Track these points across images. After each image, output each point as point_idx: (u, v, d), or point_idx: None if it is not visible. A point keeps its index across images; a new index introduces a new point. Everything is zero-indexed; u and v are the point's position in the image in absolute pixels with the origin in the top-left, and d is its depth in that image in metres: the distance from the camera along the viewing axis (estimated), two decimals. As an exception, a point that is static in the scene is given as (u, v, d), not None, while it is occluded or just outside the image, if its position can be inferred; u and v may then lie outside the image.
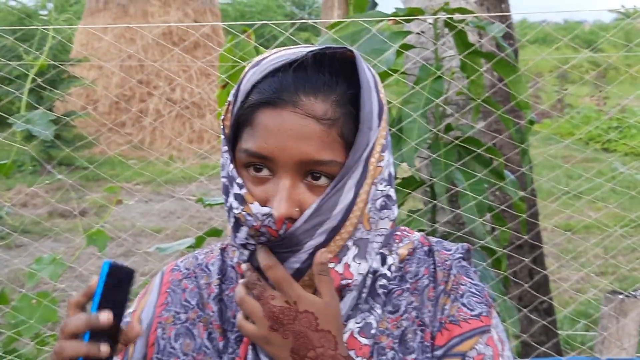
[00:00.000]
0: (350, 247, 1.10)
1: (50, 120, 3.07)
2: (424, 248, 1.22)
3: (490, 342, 1.13)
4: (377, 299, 1.14)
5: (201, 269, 1.27)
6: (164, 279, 1.28)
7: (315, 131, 1.06)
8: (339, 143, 1.07)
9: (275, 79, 1.09)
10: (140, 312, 1.25)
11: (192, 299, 1.23)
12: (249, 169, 1.09)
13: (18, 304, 2.88)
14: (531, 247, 3.68)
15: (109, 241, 3.25)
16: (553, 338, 3.76)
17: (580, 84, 11.37)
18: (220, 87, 3.96)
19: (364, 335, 1.12)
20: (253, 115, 1.09)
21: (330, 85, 1.09)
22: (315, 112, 1.07)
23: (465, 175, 2.77)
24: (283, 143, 1.06)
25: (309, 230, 1.06)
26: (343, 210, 1.07)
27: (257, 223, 1.05)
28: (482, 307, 1.15)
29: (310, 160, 1.06)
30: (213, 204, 3.56)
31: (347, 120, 1.09)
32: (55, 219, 7.87)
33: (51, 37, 3.30)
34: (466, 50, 2.78)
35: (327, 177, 1.07)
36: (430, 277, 1.18)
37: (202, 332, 1.20)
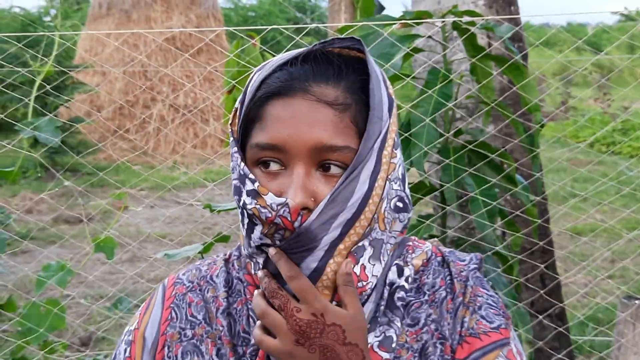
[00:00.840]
0: (367, 247, 1.07)
1: (57, 128, 3.05)
2: (437, 258, 1.20)
3: (510, 355, 1.12)
4: (396, 312, 1.12)
5: (206, 281, 1.23)
6: (166, 294, 1.24)
7: (328, 116, 1.04)
8: (351, 129, 1.06)
9: (284, 71, 1.08)
10: (144, 330, 1.21)
11: (198, 314, 1.20)
12: (260, 166, 1.07)
13: (27, 312, 2.86)
14: (542, 252, 3.66)
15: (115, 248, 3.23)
16: (565, 344, 3.73)
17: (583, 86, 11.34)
18: (226, 93, 3.96)
19: (384, 349, 1.10)
20: (262, 109, 1.07)
21: (339, 73, 1.08)
22: (327, 97, 1.05)
23: (476, 180, 2.75)
24: (296, 130, 1.03)
25: (325, 224, 1.02)
26: (358, 201, 1.04)
27: (272, 214, 1.02)
28: (501, 320, 1.14)
29: (324, 145, 1.03)
30: (221, 210, 3.54)
31: (358, 107, 1.07)
32: (60, 225, 7.86)
33: (58, 43, 3.29)
34: (476, 54, 2.76)
35: (339, 167, 1.05)
36: (447, 288, 1.16)
37: (211, 348, 1.16)
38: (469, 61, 2.86)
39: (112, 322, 5.25)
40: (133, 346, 1.21)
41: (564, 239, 7.34)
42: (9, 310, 3.05)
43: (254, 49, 3.93)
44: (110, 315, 4.99)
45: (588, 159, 10.11)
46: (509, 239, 3.00)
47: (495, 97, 2.91)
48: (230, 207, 3.55)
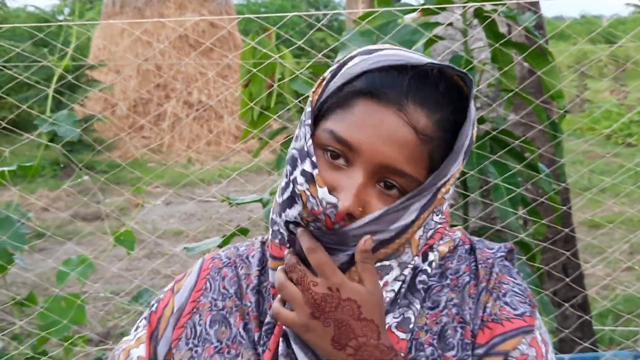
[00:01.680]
0: (394, 267, 1.10)
1: (76, 122, 3.06)
2: (465, 246, 1.20)
3: (534, 342, 1.10)
4: (417, 294, 1.12)
5: (242, 260, 1.26)
6: (204, 265, 1.27)
7: (410, 142, 1.04)
8: (425, 162, 1.06)
9: (389, 75, 1.06)
10: (176, 293, 1.25)
11: (230, 288, 1.22)
12: (325, 151, 1.07)
13: (48, 306, 2.87)
14: (564, 241, 3.64)
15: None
16: (588, 333, 3.71)
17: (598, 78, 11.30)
18: (242, 87, 3.95)
19: (401, 329, 1.09)
20: (352, 100, 1.06)
21: (440, 104, 1.07)
22: (417, 124, 1.04)
23: (499, 168, 2.72)
24: (374, 140, 1.03)
25: (361, 235, 1.03)
26: (400, 228, 1.05)
27: (318, 209, 1.02)
28: (525, 307, 1.11)
29: (394, 167, 1.04)
30: (238, 203, 3.54)
31: (440, 144, 1.07)
32: (77, 222, 7.89)
33: (75, 38, 3.29)
34: (497, 41, 2.73)
35: (398, 189, 1.05)
36: (471, 274, 1.15)
37: (239, 322, 1.18)
38: (488, 50, 2.84)
39: (131, 317, 5.26)
40: (161, 303, 1.26)
41: (582, 230, 7.31)
42: (31, 305, 3.07)
43: (269, 42, 3.92)
44: (129, 309, 5.00)
45: (605, 151, 10.05)
46: (531, 227, 2.97)
47: (516, 86, 2.89)
48: (247, 200, 3.55)
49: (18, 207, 3.09)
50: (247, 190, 9.83)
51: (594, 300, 5.39)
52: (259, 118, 3.87)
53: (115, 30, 14.45)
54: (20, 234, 2.81)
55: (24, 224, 2.91)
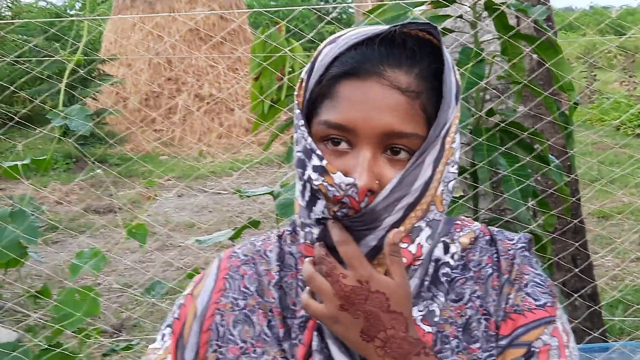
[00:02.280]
0: (424, 228, 1.08)
1: (88, 116, 3.08)
2: (485, 237, 1.20)
3: (555, 332, 1.10)
4: (440, 287, 1.13)
5: (260, 256, 1.25)
6: (221, 265, 1.26)
7: (400, 102, 1.05)
8: (421, 117, 1.06)
9: (359, 51, 1.08)
10: (197, 296, 1.23)
11: (251, 285, 1.21)
12: (326, 142, 1.08)
13: (62, 298, 2.89)
14: (574, 232, 3.64)
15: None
16: (598, 324, 3.71)
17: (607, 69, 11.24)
18: (252, 79, 3.96)
19: (427, 322, 1.10)
20: (334, 87, 1.07)
21: (413, 58, 1.08)
22: (400, 84, 1.05)
23: (509, 160, 2.73)
24: (367, 113, 1.04)
25: (389, 206, 1.04)
26: (421, 186, 1.05)
27: (339, 193, 1.03)
28: (547, 298, 1.13)
29: (394, 131, 1.04)
30: (250, 195, 3.56)
31: (429, 94, 1.08)
32: (90, 215, 7.93)
33: (86, 31, 3.31)
34: (506, 33, 2.74)
35: (406, 151, 1.06)
36: (493, 266, 1.16)
37: (262, 320, 1.18)
38: (498, 42, 2.84)
39: (144, 309, 5.30)
40: (183, 309, 1.23)
41: (591, 221, 7.30)
42: (45, 297, 3.09)
43: (279, 35, 3.93)
44: (142, 301, 5.03)
45: (614, 142, 10.02)
46: (541, 219, 2.98)
47: (525, 78, 2.89)
48: (259, 193, 3.57)
49: (32, 201, 3.11)
50: (258, 182, 9.87)
51: (603, 291, 5.39)
52: (269, 111, 3.89)
53: (126, 24, 14.48)
54: (33, 227, 2.83)
55: (37, 217, 2.94)
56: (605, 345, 2.97)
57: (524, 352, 1.09)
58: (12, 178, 2.99)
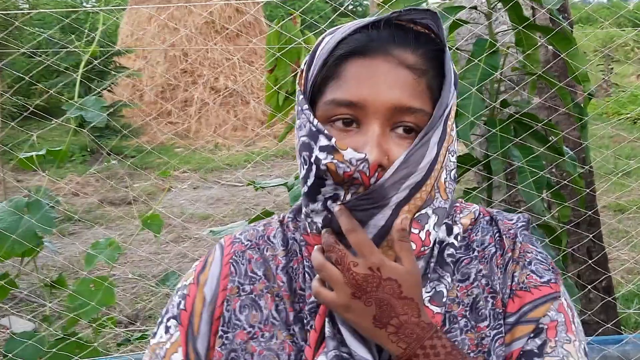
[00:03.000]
0: (430, 215, 1.09)
1: (103, 107, 3.09)
2: (485, 218, 1.22)
3: (561, 308, 1.13)
4: (446, 268, 1.13)
5: (264, 241, 1.25)
6: (225, 251, 1.25)
7: (408, 79, 1.06)
8: (427, 94, 1.08)
9: (363, 34, 1.10)
10: (203, 284, 1.22)
11: (258, 270, 1.21)
12: (332, 123, 1.08)
13: (77, 288, 2.91)
14: (588, 224, 3.62)
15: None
16: (612, 316, 3.70)
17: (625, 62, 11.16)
18: (267, 72, 3.97)
19: (435, 303, 1.11)
20: (340, 67, 1.08)
21: (418, 40, 1.10)
22: (407, 61, 1.07)
23: (523, 151, 2.72)
24: (376, 89, 1.05)
25: (396, 183, 1.04)
26: (427, 165, 1.06)
27: (350, 169, 1.04)
28: (550, 274, 1.15)
29: (403, 106, 1.05)
30: (264, 187, 3.56)
31: (434, 74, 1.10)
32: (106, 207, 7.97)
33: (102, 23, 3.32)
34: (521, 24, 2.72)
35: (412, 130, 1.07)
36: (496, 245, 1.18)
37: (270, 304, 1.18)
38: (512, 33, 2.82)
39: (158, 299, 5.33)
40: (189, 299, 1.22)
41: (608, 214, 7.26)
42: (61, 287, 3.11)
43: (294, 27, 3.93)
44: (157, 292, 5.05)
45: (631, 135, 9.96)
46: (555, 210, 2.96)
47: (540, 69, 2.88)
48: (273, 184, 3.57)
49: (48, 192, 3.13)
50: (273, 174, 9.88)
51: (619, 284, 5.36)
52: (284, 103, 3.89)
53: (142, 17, 14.52)
54: (49, 217, 2.85)
55: (53, 208, 2.95)
56: (619, 337, 2.96)
57: (533, 328, 1.11)
58: (28, 169, 3.01)
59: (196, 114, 13.68)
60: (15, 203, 2.85)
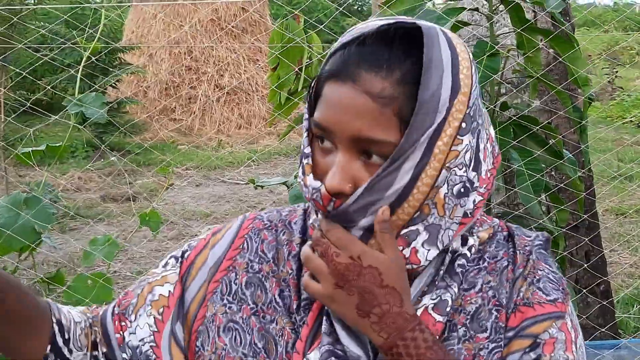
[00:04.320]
0: (421, 232, 1.07)
1: (104, 104, 3.09)
2: (503, 233, 1.20)
3: (564, 327, 1.10)
4: (455, 278, 1.12)
5: (284, 225, 1.26)
6: (243, 224, 1.27)
7: (368, 108, 1.03)
8: (394, 123, 1.04)
9: (346, 51, 1.08)
10: (212, 246, 1.24)
11: (268, 252, 1.22)
12: (318, 140, 1.10)
13: (74, 284, 2.91)
14: (587, 228, 3.62)
15: (160, 224, 3.27)
16: (610, 321, 3.69)
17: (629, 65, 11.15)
18: (270, 70, 3.96)
19: (438, 312, 1.09)
20: (323, 86, 1.09)
21: (395, 61, 1.06)
22: (373, 89, 1.04)
23: (522, 154, 2.72)
24: (339, 117, 1.05)
25: (361, 209, 1.04)
26: (398, 192, 1.04)
27: (308, 195, 1.07)
28: (558, 294, 1.12)
29: (362, 137, 1.04)
30: (264, 186, 3.56)
31: (408, 100, 1.04)
32: (108, 203, 7.98)
33: (104, 18, 3.31)
34: (522, 27, 2.72)
35: (381, 157, 1.05)
36: (509, 259, 1.16)
37: (274, 288, 1.19)
38: (514, 35, 2.82)
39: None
40: (194, 251, 1.25)
41: (609, 218, 7.24)
42: (58, 283, 3.11)
43: (297, 26, 3.92)
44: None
45: (634, 139, 9.94)
46: (553, 212, 2.96)
47: (541, 72, 2.87)
48: (272, 183, 3.58)
49: (48, 187, 3.13)
50: (276, 173, 9.88)
51: (619, 288, 5.35)
52: (285, 101, 3.89)
53: (147, 14, 14.52)
54: (47, 213, 2.85)
55: (55, 203, 2.95)
56: (616, 342, 2.95)
57: (530, 343, 1.08)
58: (25, 164, 3.01)
59: (200, 111, 13.69)
60: (13, 198, 2.86)
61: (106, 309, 1.27)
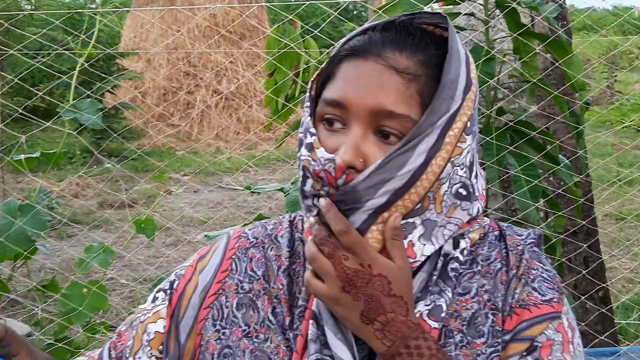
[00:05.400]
0: (417, 225, 1.07)
1: (99, 110, 3.07)
2: (494, 232, 1.19)
3: (560, 328, 1.09)
4: (448, 282, 1.11)
5: (270, 240, 1.24)
6: (229, 244, 1.24)
7: (394, 82, 1.04)
8: (416, 101, 1.05)
9: (366, 35, 1.10)
10: (200, 271, 1.22)
11: (258, 270, 1.20)
12: (324, 122, 1.09)
13: (68, 292, 2.89)
14: (586, 234, 3.60)
15: (158, 231, 3.25)
16: (609, 327, 3.67)
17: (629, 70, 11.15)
18: (267, 75, 3.95)
19: (433, 318, 1.08)
20: (338, 67, 1.09)
21: (419, 45, 1.08)
22: (397, 65, 1.05)
23: (519, 159, 2.70)
24: (359, 90, 1.05)
25: (371, 188, 1.02)
26: (410, 173, 1.03)
27: (318, 167, 1.04)
28: (554, 293, 1.11)
29: (384, 110, 1.03)
30: (260, 191, 3.54)
31: (430, 81, 1.06)
32: (105, 209, 7.96)
33: (101, 26, 3.30)
34: (518, 31, 2.70)
35: (397, 137, 1.04)
36: (502, 260, 1.14)
37: (267, 306, 1.17)
38: (510, 40, 2.80)
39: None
40: (182, 280, 1.23)
41: (609, 224, 7.23)
42: (52, 291, 3.09)
43: (294, 31, 3.91)
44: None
45: (634, 143, 9.93)
46: (551, 218, 2.94)
47: (537, 77, 2.86)
48: (269, 189, 3.55)
49: (46, 194, 3.11)
50: (275, 178, 9.86)
51: (619, 294, 5.33)
52: (282, 107, 3.88)
53: (145, 20, 14.53)
54: (41, 220, 2.82)
55: (47, 211, 2.93)
56: (615, 349, 2.93)
57: (527, 346, 1.08)
58: (18, 170, 2.99)
59: (198, 117, 13.68)
60: (8, 205, 2.83)
61: (101, 354, 1.25)
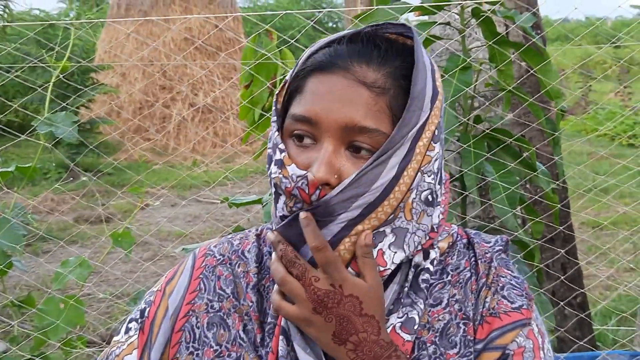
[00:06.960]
0: (388, 234, 1.06)
1: (74, 123, 3.04)
2: (462, 240, 1.20)
3: (530, 334, 1.10)
4: (420, 294, 1.11)
5: (237, 256, 1.23)
6: (196, 264, 1.23)
7: (363, 97, 1.04)
8: (386, 114, 1.05)
9: (332, 48, 1.09)
10: (169, 295, 1.21)
11: (227, 287, 1.19)
12: (294, 138, 1.08)
13: (45, 307, 2.86)
14: (563, 240, 3.62)
15: (135, 245, 3.22)
16: (587, 333, 3.69)
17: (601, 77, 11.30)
18: (243, 87, 3.94)
19: (406, 331, 1.09)
20: (304, 82, 1.08)
21: (385, 58, 1.08)
22: (366, 79, 1.05)
23: (496, 167, 2.72)
24: (329, 106, 1.04)
25: (344, 202, 1.02)
26: (383, 186, 1.03)
27: (290, 185, 1.03)
28: (523, 300, 1.12)
29: (355, 125, 1.03)
30: (239, 204, 3.53)
31: (398, 93, 1.06)
32: (81, 225, 7.89)
33: (76, 40, 3.28)
34: (494, 40, 2.72)
35: (369, 151, 1.04)
36: (471, 269, 1.15)
37: (238, 324, 1.16)
38: (486, 49, 2.82)
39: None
40: (152, 307, 1.21)
41: (585, 231, 7.28)
42: (29, 306, 3.06)
43: (270, 42, 3.91)
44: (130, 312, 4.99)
45: (609, 152, 10.03)
46: (529, 225, 2.96)
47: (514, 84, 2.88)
48: (247, 200, 3.54)
49: (21, 210, 3.08)
50: (252, 191, 9.84)
51: (597, 301, 5.36)
52: (259, 119, 3.87)
53: (120, 33, 14.48)
54: (15, 235, 2.79)
55: (24, 226, 2.90)
56: (593, 354, 2.95)
57: (499, 355, 1.08)
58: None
59: (174, 130, 13.63)
60: (-19, 221, 2.80)
61: None
